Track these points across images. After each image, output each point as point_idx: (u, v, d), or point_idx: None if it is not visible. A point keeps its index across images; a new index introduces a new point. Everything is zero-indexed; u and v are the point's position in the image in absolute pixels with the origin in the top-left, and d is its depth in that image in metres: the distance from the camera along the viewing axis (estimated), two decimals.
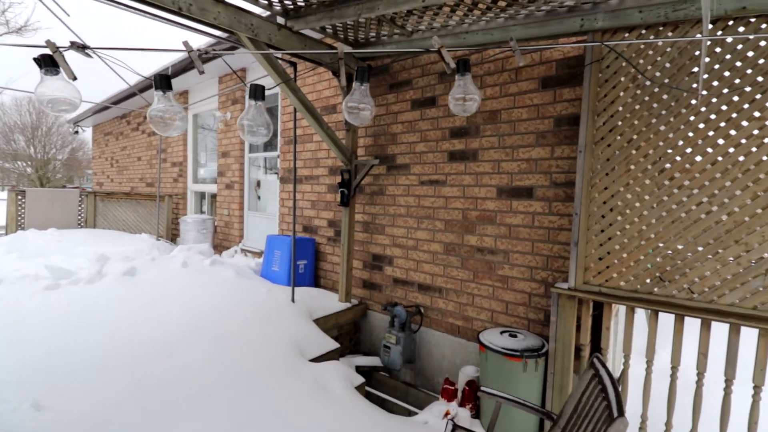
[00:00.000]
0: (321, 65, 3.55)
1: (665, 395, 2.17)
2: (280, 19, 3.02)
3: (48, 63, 1.67)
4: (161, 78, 1.77)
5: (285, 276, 4.08)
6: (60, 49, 1.70)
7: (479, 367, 2.84)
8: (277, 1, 2.74)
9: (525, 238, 2.89)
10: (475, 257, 3.16)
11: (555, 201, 2.75)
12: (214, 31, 2.80)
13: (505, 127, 2.99)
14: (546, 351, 2.52)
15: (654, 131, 2.12)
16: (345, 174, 3.70)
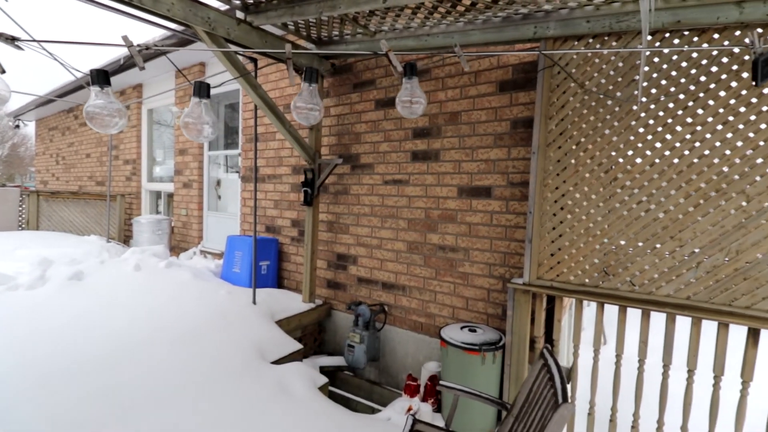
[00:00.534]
0: (282, 62, 3.50)
1: (626, 385, 2.31)
2: (239, 14, 2.94)
3: None
4: (98, 73, 1.68)
5: (246, 277, 3.98)
6: None
7: (441, 362, 2.90)
8: None
9: (484, 236, 2.99)
10: (437, 255, 3.23)
11: (512, 200, 2.86)
12: (170, 24, 2.69)
13: (465, 129, 3.07)
14: (503, 344, 2.61)
15: (600, 135, 2.26)
16: (308, 173, 3.66)
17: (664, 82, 2.13)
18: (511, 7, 2.37)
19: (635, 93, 2.17)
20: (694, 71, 2.07)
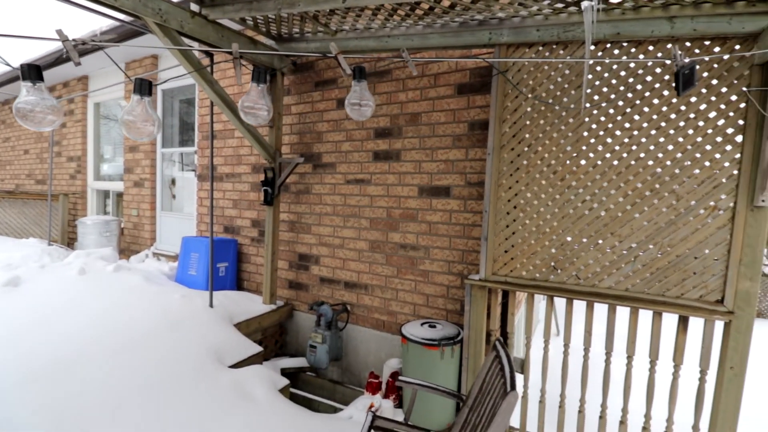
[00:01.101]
0: (239, 57, 3.40)
1: (573, 372, 2.46)
2: (194, 6, 2.84)
3: None
4: (30, 68, 1.57)
5: (203, 280, 3.84)
6: None
7: (402, 359, 2.95)
8: None
9: (444, 234, 3.07)
10: (399, 254, 3.28)
11: (469, 199, 2.96)
12: (119, 14, 2.54)
13: (425, 129, 3.14)
14: (461, 338, 2.70)
15: (549, 138, 2.39)
16: (269, 172, 3.59)
17: (605, 89, 2.29)
18: (467, 13, 2.45)
19: (580, 99, 2.32)
20: (631, 80, 2.23)
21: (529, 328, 2.51)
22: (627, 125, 2.24)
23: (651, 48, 2.20)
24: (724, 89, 2.04)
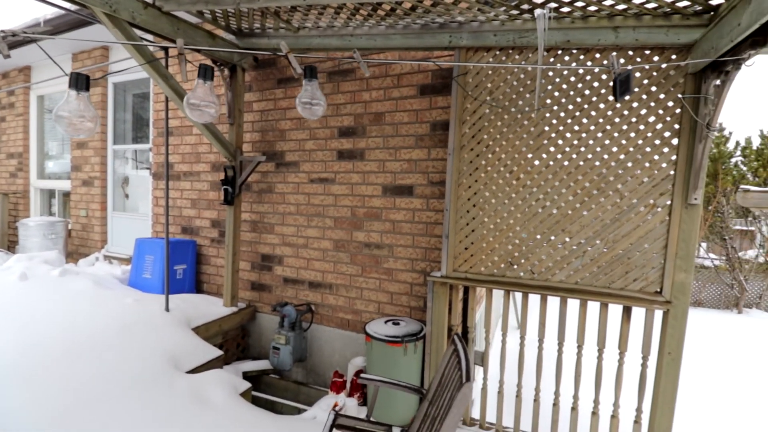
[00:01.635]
0: (198, 51, 3.29)
1: (529, 362, 2.56)
2: None
3: None
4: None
5: (159, 283, 3.67)
6: None
7: (366, 357, 2.96)
8: None
9: (407, 232, 3.11)
10: (363, 252, 3.29)
11: (432, 198, 3.02)
12: (64, 3, 2.39)
13: (389, 129, 3.17)
14: (424, 334, 2.75)
15: (505, 138, 2.49)
16: (229, 171, 3.49)
17: (557, 93, 2.41)
18: (428, 16, 2.50)
19: (534, 102, 2.43)
20: (580, 85, 2.37)
21: (488, 322, 2.60)
22: (576, 128, 2.37)
23: (598, 55, 2.34)
24: (662, 95, 2.21)
